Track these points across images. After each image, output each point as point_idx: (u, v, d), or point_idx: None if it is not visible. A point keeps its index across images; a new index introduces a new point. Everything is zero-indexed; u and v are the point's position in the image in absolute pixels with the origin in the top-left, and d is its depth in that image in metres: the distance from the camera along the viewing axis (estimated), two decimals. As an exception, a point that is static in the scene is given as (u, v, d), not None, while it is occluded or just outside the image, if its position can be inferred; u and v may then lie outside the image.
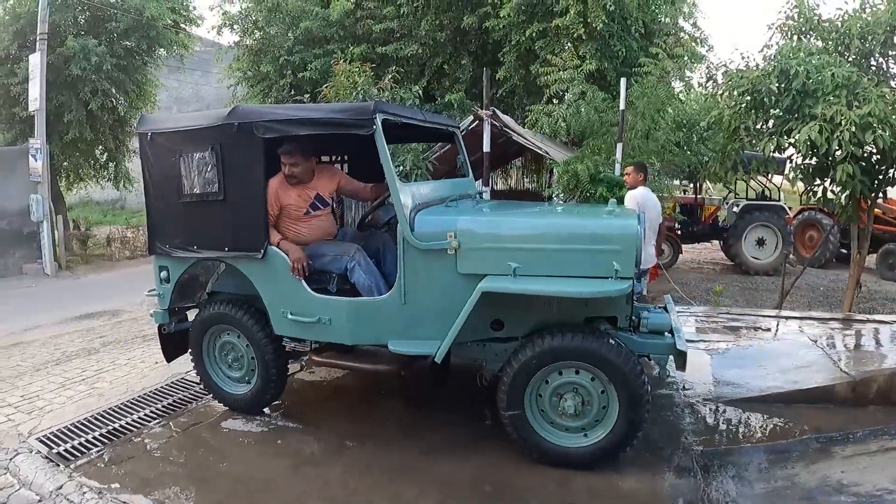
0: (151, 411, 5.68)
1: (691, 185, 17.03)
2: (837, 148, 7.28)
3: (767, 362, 6.43)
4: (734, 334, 7.49)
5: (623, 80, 9.28)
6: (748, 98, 8.43)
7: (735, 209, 15.47)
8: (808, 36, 9.13)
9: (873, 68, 9.17)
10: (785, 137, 8.10)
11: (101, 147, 20.49)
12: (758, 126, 8.74)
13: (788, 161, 9.27)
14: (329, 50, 14.68)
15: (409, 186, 4.92)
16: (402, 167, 9.93)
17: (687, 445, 4.68)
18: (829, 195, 8.25)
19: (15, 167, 16.99)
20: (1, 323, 10.61)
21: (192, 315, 5.83)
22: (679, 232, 15.62)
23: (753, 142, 9.45)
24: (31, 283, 15.73)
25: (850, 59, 8.81)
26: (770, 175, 14.26)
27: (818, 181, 8.39)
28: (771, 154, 8.52)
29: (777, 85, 8.04)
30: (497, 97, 13.69)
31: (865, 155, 7.73)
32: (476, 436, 4.91)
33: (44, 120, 16.48)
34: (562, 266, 4.30)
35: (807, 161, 8.14)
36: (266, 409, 5.57)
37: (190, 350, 5.70)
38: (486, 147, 9.76)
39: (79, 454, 4.88)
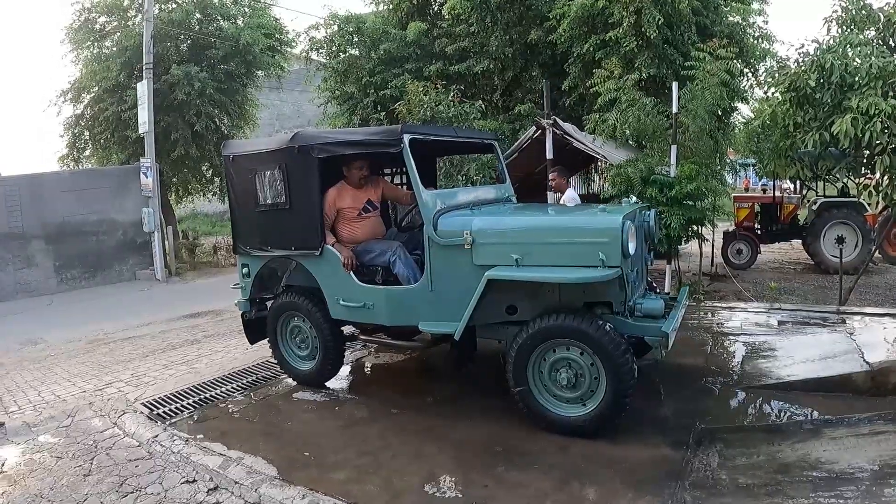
0: (237, 385, 6.86)
1: (771, 184, 16.65)
2: (877, 140, 7.34)
3: (797, 353, 6.64)
4: (777, 328, 7.74)
5: (675, 84, 9.52)
6: (791, 94, 8.72)
7: (813, 207, 15.04)
8: (859, 28, 9.00)
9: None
10: (826, 132, 8.07)
11: (206, 164, 22.02)
12: (805, 121, 8.91)
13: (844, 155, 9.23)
14: (407, 69, 15.51)
15: (435, 193, 5.84)
16: (465, 175, 10.79)
17: (690, 423, 5.09)
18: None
19: (128, 184, 18.74)
20: (117, 321, 12.31)
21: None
22: (759, 232, 15.42)
23: (803, 137, 9.65)
24: (143, 287, 17.47)
25: (896, 49, 8.58)
26: (836, 171, 14.01)
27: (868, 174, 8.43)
28: (826, 149, 8.64)
29: (816, 80, 8.03)
30: (566, 106, 14.09)
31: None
32: (494, 406, 5.63)
33: (153, 141, 18.12)
34: (556, 257, 4.97)
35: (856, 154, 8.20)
36: (330, 385, 6.63)
37: (267, 333, 6.80)
38: (549, 154, 10.30)
39: (173, 415, 6.12)
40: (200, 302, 12.65)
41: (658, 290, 6.33)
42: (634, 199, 6.12)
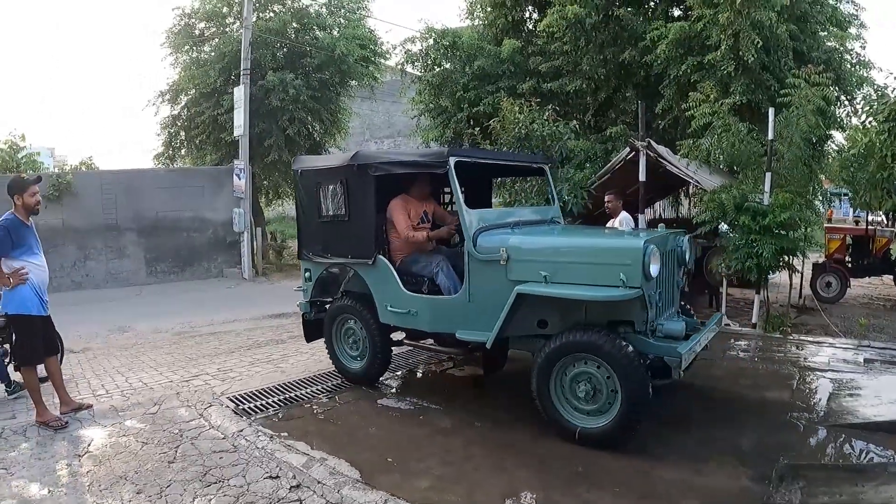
0: (322, 387, 7.00)
1: (863, 217, 16.05)
2: None
3: (885, 393, 6.40)
4: (865, 366, 7.46)
5: (771, 110, 9.34)
6: (890, 124, 8.37)
7: None
8: None
9: None
10: None
11: (298, 169, 22.38)
12: None
13: None
14: (500, 86, 15.45)
15: (476, 212, 6.18)
16: (558, 196, 10.72)
17: (773, 458, 4.93)
18: None
19: (221, 184, 19.33)
20: (203, 315, 12.60)
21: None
22: (849, 265, 15.02)
23: None
24: (230, 284, 17.90)
25: None
26: None
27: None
28: None
29: None
30: (659, 129, 13.87)
31: None
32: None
33: (247, 144, 18.69)
34: (582, 275, 5.23)
35: None
36: (414, 394, 6.72)
37: (323, 333, 7.31)
38: (642, 177, 10.14)
39: (258, 411, 6.25)
40: (285, 303, 12.78)
41: (693, 314, 6.45)
42: (662, 224, 6.34)
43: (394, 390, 6.94)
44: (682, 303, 6.33)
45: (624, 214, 8.90)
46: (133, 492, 4.59)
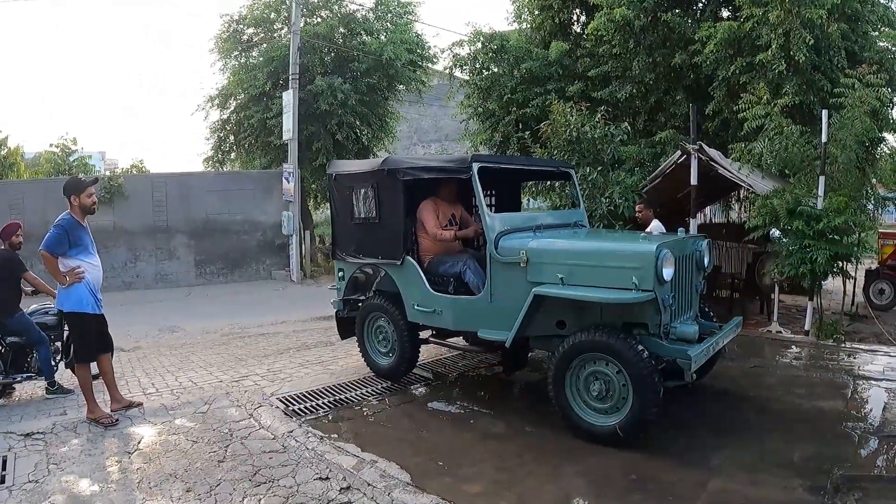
0: (372, 389, 6.96)
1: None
2: None
3: None
4: None
5: (825, 113, 9.17)
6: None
7: None
8: None
9: None
10: None
11: (346, 172, 22.45)
12: None
13: None
14: (548, 89, 15.28)
15: (499, 216, 6.43)
16: (609, 198, 10.60)
17: (828, 469, 4.82)
18: None
19: (271, 188, 19.52)
20: (252, 317, 12.71)
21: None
22: None
23: None
24: (278, 286, 18.00)
25: None
26: None
27: None
28: None
29: None
30: (709, 132, 13.62)
31: None
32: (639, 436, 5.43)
33: (296, 148, 18.79)
34: (596, 278, 5.36)
35: None
36: (465, 398, 6.65)
37: (355, 330, 7.54)
38: (694, 180, 9.92)
39: (308, 412, 6.22)
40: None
41: (714, 318, 6.52)
42: (682, 229, 6.34)
43: (443, 394, 6.83)
44: (703, 306, 6.50)
45: (655, 223, 8.78)
46: (183, 490, 4.58)
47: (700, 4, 15.43)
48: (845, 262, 9.29)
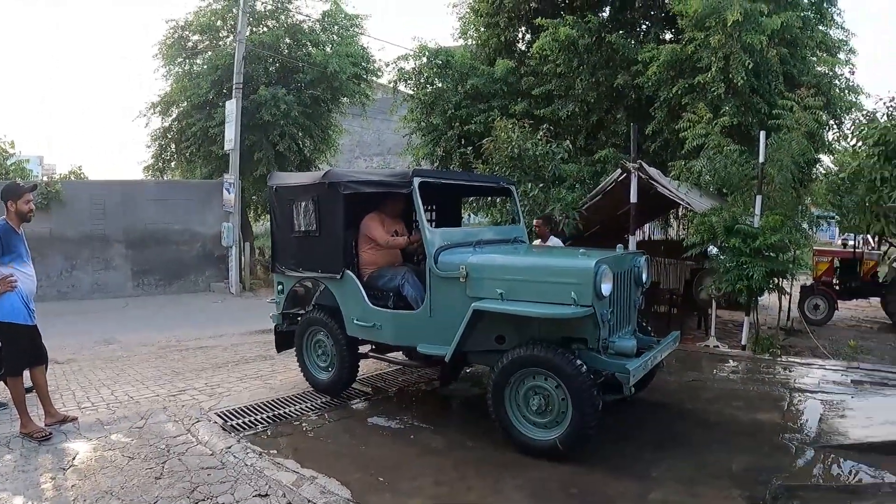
0: (311, 404, 6.92)
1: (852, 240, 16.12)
2: None
3: (876, 414, 6.50)
4: (856, 388, 7.48)
5: (762, 133, 9.43)
6: (880, 148, 8.40)
7: (894, 265, 14.41)
8: None
9: None
10: None
11: (287, 184, 22.31)
12: (893, 176, 8.61)
13: None
14: (493, 105, 15.49)
15: (439, 231, 6.47)
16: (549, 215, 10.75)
17: (766, 479, 4.92)
18: None
19: (211, 198, 19.30)
20: (190, 329, 12.55)
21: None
22: (837, 287, 14.96)
23: (891, 193, 9.31)
24: (217, 298, 17.81)
25: None
26: None
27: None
28: None
29: None
30: (650, 151, 13.91)
31: None
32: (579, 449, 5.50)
33: (237, 158, 18.67)
34: (535, 293, 5.43)
35: None
36: (406, 413, 6.67)
37: (294, 344, 7.48)
38: (633, 198, 10.13)
39: (247, 428, 6.17)
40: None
41: (652, 333, 6.67)
42: (620, 245, 6.52)
43: (383, 409, 6.84)
44: (641, 321, 6.62)
45: (553, 239, 8.93)
46: (119, 508, 4.50)
47: (643, 27, 15.85)
48: (781, 279, 9.61)
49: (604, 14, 15.99)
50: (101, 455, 5.46)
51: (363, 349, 7.21)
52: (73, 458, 5.39)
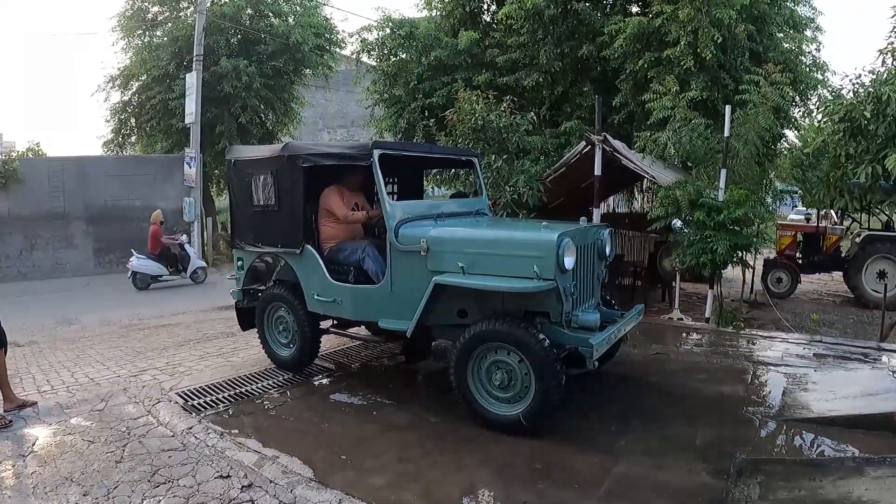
0: (273, 382, 6.84)
1: (815, 214, 16.34)
2: None
3: (839, 388, 6.51)
4: (818, 361, 7.50)
5: (728, 108, 9.43)
6: (845, 125, 8.48)
7: (857, 239, 14.47)
8: None
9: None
10: (879, 164, 8.03)
11: (249, 157, 22.13)
12: (857, 152, 8.70)
13: None
14: (456, 77, 15.33)
15: (399, 204, 6.43)
16: (513, 187, 10.71)
17: (730, 453, 4.96)
18: None
19: (172, 173, 19.07)
20: (152, 307, 12.49)
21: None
22: (800, 261, 15.15)
23: (855, 169, 9.41)
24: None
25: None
26: (885, 204, 13.67)
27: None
28: (876, 181, 8.40)
29: (872, 111, 7.99)
30: (615, 123, 13.92)
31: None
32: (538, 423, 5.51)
33: (198, 131, 18.39)
34: (497, 267, 5.38)
35: None
36: (369, 389, 6.62)
37: (255, 321, 7.40)
38: (598, 171, 10.04)
39: (209, 407, 6.09)
40: (235, 295, 12.75)
41: (616, 306, 6.66)
42: (584, 218, 6.45)
43: (346, 385, 6.80)
44: (605, 294, 6.58)
45: None
46: (80, 494, 4.46)
47: (611, -2, 15.73)
48: (744, 252, 9.66)
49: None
50: (61, 440, 5.41)
51: (325, 325, 7.15)
52: (33, 445, 5.33)
